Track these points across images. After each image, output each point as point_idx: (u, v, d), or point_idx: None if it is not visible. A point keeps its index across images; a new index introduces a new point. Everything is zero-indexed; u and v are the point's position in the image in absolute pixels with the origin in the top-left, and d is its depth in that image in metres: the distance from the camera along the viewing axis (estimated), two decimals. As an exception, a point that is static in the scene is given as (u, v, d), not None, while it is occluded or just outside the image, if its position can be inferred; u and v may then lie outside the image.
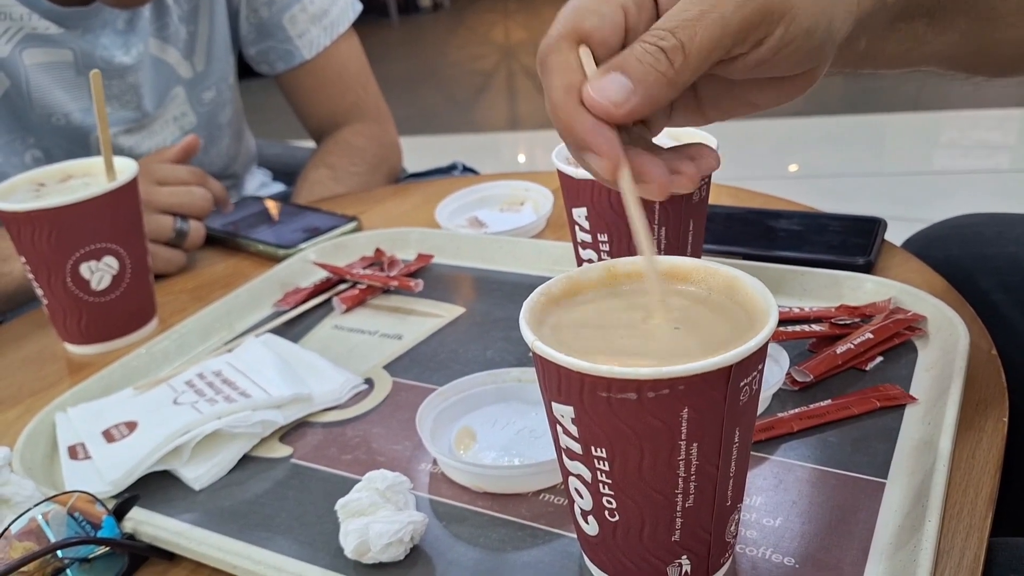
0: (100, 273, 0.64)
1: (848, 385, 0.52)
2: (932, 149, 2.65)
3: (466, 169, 1.04)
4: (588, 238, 0.56)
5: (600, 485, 0.37)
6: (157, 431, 0.51)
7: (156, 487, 0.50)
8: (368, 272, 0.71)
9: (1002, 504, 0.44)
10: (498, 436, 0.50)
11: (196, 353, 0.64)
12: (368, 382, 0.58)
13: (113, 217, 0.63)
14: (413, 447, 0.51)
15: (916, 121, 2.81)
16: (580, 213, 0.56)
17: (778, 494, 0.44)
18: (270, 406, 0.53)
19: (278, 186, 1.13)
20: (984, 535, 0.41)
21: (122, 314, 0.66)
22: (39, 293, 0.65)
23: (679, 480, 0.35)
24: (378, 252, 0.75)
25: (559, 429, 0.37)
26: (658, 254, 0.41)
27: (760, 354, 0.35)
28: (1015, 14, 0.43)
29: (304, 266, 0.74)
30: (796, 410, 0.50)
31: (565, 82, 0.35)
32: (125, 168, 0.65)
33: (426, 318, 0.66)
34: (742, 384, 0.34)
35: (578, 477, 0.37)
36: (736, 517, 0.39)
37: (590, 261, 0.57)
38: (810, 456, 0.47)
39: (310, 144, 1.10)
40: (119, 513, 0.45)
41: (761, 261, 0.64)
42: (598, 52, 0.36)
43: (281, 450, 0.52)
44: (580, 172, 0.54)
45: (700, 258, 0.56)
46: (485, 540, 0.44)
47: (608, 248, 0.56)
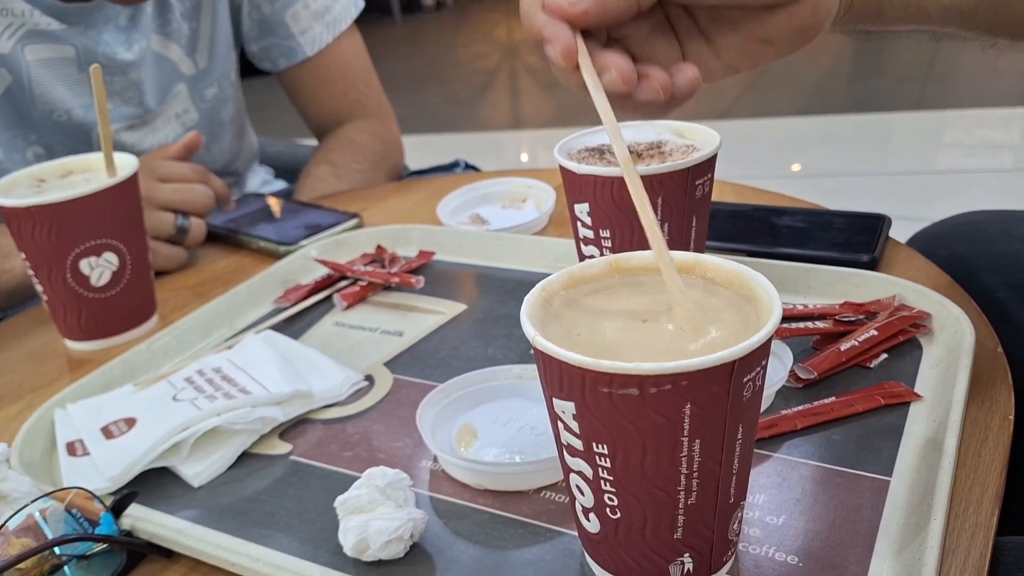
0: (100, 269, 0.64)
1: (852, 382, 0.52)
2: (936, 148, 2.64)
3: (468, 166, 1.04)
4: (590, 234, 0.56)
5: (602, 482, 0.36)
6: (156, 428, 0.51)
7: (155, 484, 0.49)
8: (369, 269, 0.70)
9: (1008, 503, 0.43)
10: (499, 433, 0.49)
11: (197, 350, 0.64)
12: (369, 379, 0.58)
13: (113, 213, 0.63)
14: (414, 444, 0.51)
15: (920, 120, 2.80)
16: (582, 209, 0.55)
17: (782, 492, 0.44)
18: (270, 403, 0.53)
19: (280, 183, 1.13)
20: (990, 534, 0.40)
21: (122, 310, 0.66)
22: (39, 289, 0.65)
23: (681, 477, 0.35)
24: (379, 249, 0.75)
25: (560, 425, 0.37)
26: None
27: (764, 350, 0.34)
28: None
29: (305, 263, 0.74)
30: (800, 407, 0.49)
31: None
32: (125, 164, 0.65)
33: (427, 315, 0.66)
34: (745, 380, 0.34)
35: (579, 474, 0.37)
36: (739, 515, 0.38)
37: (592, 257, 0.57)
38: (814, 454, 0.46)
39: (312, 142, 1.10)
40: (117, 510, 0.44)
41: (765, 258, 0.64)
42: None
43: (281, 447, 0.52)
44: (582, 167, 0.53)
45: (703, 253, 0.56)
46: (485, 538, 0.43)
47: (610, 244, 0.55)
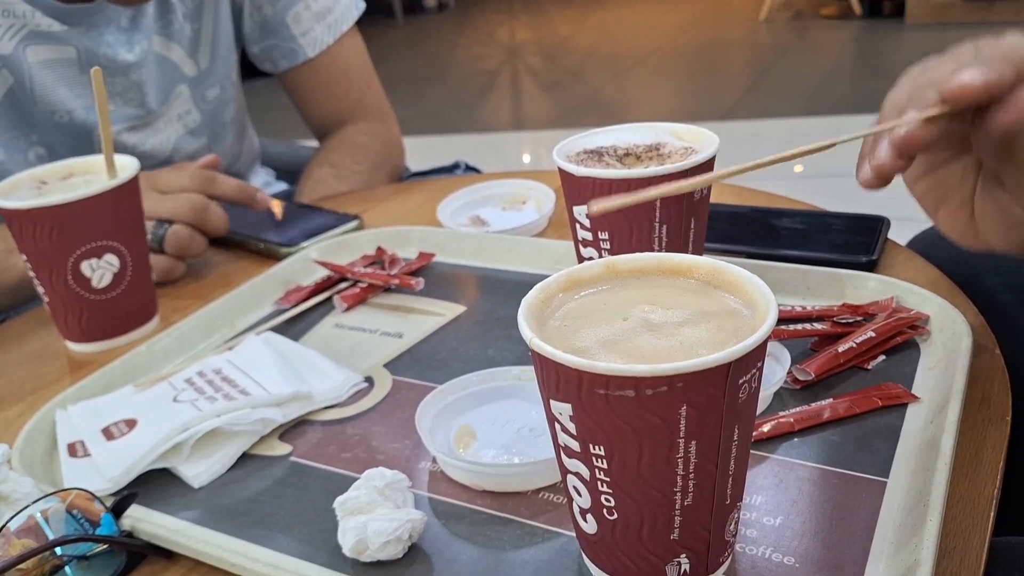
0: (101, 271, 0.64)
1: (850, 384, 0.52)
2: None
3: (469, 168, 1.04)
4: (589, 236, 0.56)
5: (598, 483, 0.36)
6: (157, 429, 0.51)
7: (155, 485, 0.49)
8: (369, 271, 0.71)
9: (1005, 504, 0.43)
10: (498, 434, 0.50)
11: (197, 351, 0.64)
12: (368, 380, 0.58)
13: (114, 215, 0.63)
14: (413, 445, 0.51)
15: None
16: (581, 211, 0.56)
17: (779, 493, 0.44)
18: (269, 404, 0.53)
19: (281, 185, 1.13)
20: (986, 535, 0.40)
21: (123, 312, 0.66)
22: (40, 291, 0.65)
23: (678, 478, 0.35)
24: (379, 251, 0.75)
25: (557, 427, 0.37)
26: (659, 252, 0.41)
27: (759, 352, 0.35)
28: None
29: (306, 264, 0.74)
30: (797, 409, 0.49)
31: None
32: (126, 166, 0.65)
33: (427, 316, 0.66)
34: (741, 382, 0.34)
35: (576, 475, 0.37)
36: (736, 516, 0.39)
37: (591, 259, 0.57)
38: (811, 455, 0.46)
39: (314, 143, 1.10)
40: (117, 510, 0.45)
41: (764, 260, 0.64)
42: None
43: (280, 448, 0.52)
44: (581, 170, 0.54)
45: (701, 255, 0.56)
46: (484, 539, 0.43)
47: (609, 246, 0.55)
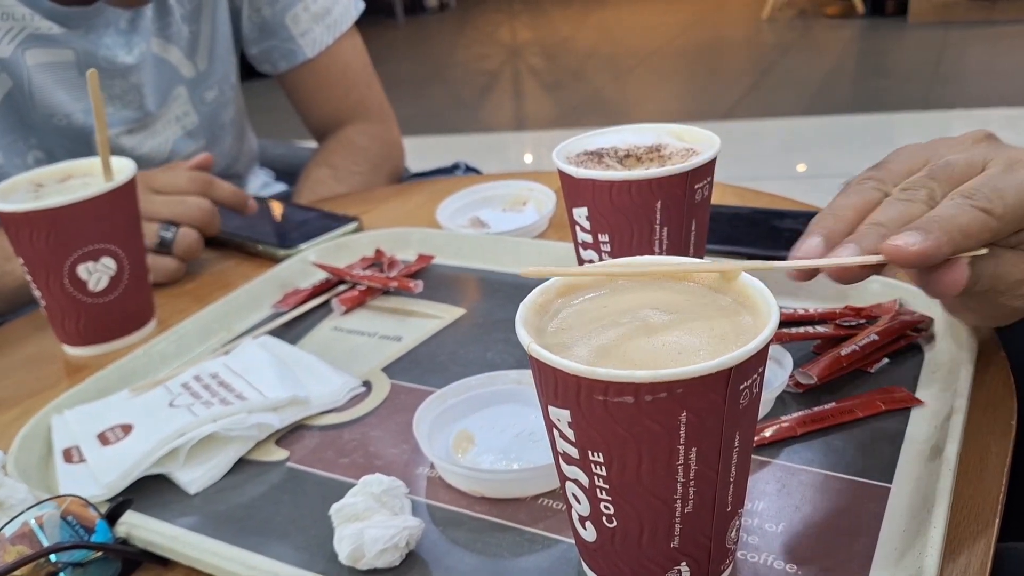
0: (98, 274, 0.64)
1: (853, 387, 0.51)
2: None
3: (469, 169, 1.03)
4: (589, 238, 0.56)
5: (597, 490, 0.36)
6: (152, 434, 0.51)
7: (151, 491, 0.49)
8: (368, 273, 0.70)
9: (1010, 509, 0.43)
10: (497, 439, 0.49)
11: (194, 355, 0.64)
12: (366, 384, 0.58)
13: (111, 218, 0.63)
14: (411, 451, 0.50)
15: (925, 120, 2.79)
16: (581, 213, 0.55)
17: (781, 499, 0.44)
18: (266, 409, 0.53)
19: (280, 186, 1.13)
20: (991, 541, 0.40)
21: (120, 315, 0.66)
22: (37, 295, 0.65)
23: (678, 485, 0.35)
24: (378, 253, 0.75)
25: (556, 433, 0.36)
26: (659, 255, 0.41)
27: (761, 356, 0.34)
28: None
29: (304, 267, 0.73)
30: (800, 413, 0.49)
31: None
32: (123, 168, 0.65)
33: (426, 319, 0.65)
34: (742, 387, 0.34)
35: (575, 482, 0.37)
36: (737, 523, 0.38)
37: (591, 262, 0.56)
38: (814, 460, 0.46)
39: (313, 144, 1.10)
40: (112, 517, 0.44)
41: (765, 261, 0.63)
42: None
43: (277, 453, 0.52)
44: (581, 171, 0.53)
45: (703, 258, 0.56)
46: (482, 546, 0.43)
47: (609, 248, 0.55)
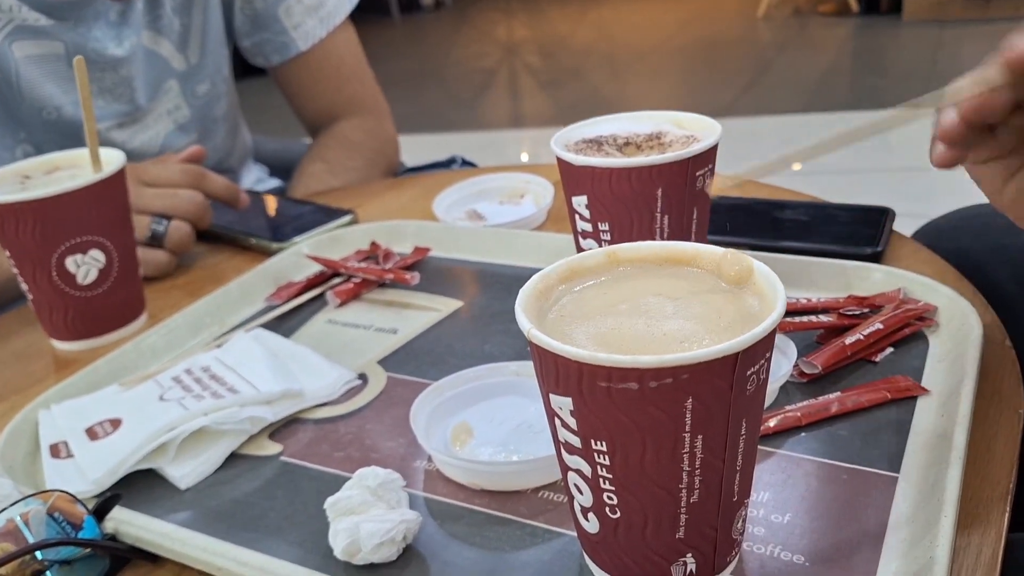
0: (86, 267, 0.62)
1: (857, 377, 0.50)
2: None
3: (465, 163, 1.02)
4: (588, 227, 0.54)
5: (600, 480, 0.35)
6: (142, 428, 0.49)
7: (140, 486, 0.48)
8: (363, 265, 0.69)
9: (1020, 499, 0.42)
10: (496, 432, 0.48)
11: (186, 348, 0.62)
12: (362, 377, 0.56)
13: (99, 209, 0.62)
14: (408, 444, 0.49)
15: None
16: (580, 201, 0.54)
17: (786, 489, 0.43)
18: (259, 402, 0.52)
19: (274, 182, 1.11)
20: (1002, 531, 0.39)
21: (109, 309, 0.65)
22: (24, 288, 0.63)
23: (683, 474, 0.34)
24: (373, 245, 0.74)
25: (557, 422, 0.35)
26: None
27: (768, 341, 0.33)
28: None
29: (298, 260, 0.72)
30: (804, 403, 0.48)
31: None
32: (112, 160, 0.63)
33: (422, 312, 0.64)
34: (749, 373, 0.33)
35: (577, 472, 0.36)
36: (743, 513, 0.37)
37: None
38: (819, 450, 0.45)
39: (307, 141, 1.09)
40: (100, 513, 0.43)
41: (768, 251, 0.62)
42: None
43: (270, 447, 0.51)
44: (580, 159, 0.52)
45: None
46: (482, 539, 0.42)
47: (609, 237, 0.54)
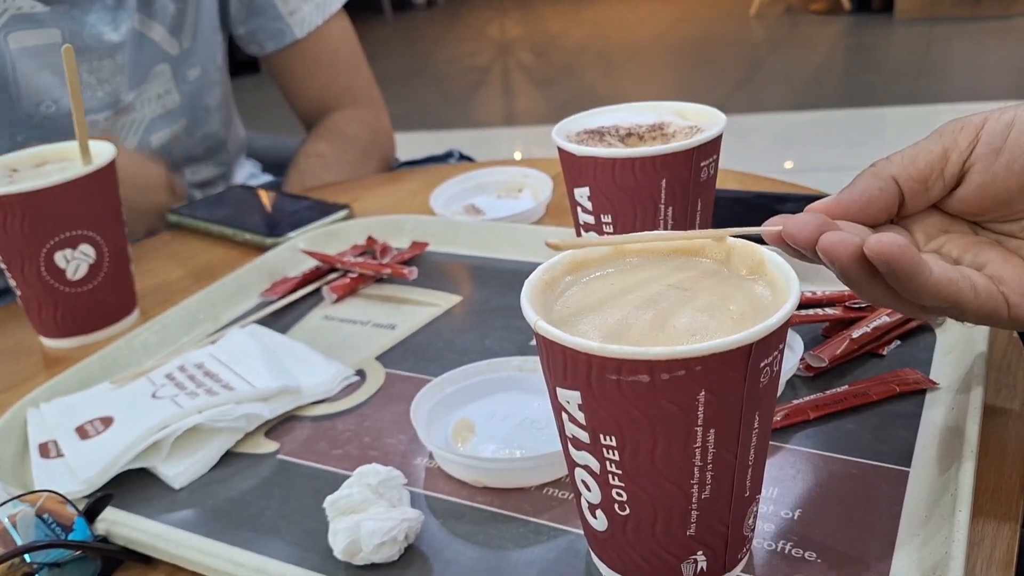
0: (76, 262, 0.61)
1: (865, 370, 0.49)
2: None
3: (463, 157, 1.01)
4: (591, 219, 0.53)
5: (609, 476, 0.34)
6: (134, 427, 0.48)
7: (132, 486, 0.47)
8: (360, 260, 0.68)
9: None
10: (498, 428, 0.47)
11: (179, 345, 0.61)
12: (360, 374, 0.55)
13: (89, 203, 0.60)
14: (408, 441, 0.48)
15: (913, 115, 2.79)
16: (582, 193, 0.53)
17: (796, 485, 0.42)
18: (255, 399, 0.51)
19: (267, 177, 1.10)
20: (1017, 524, 0.38)
21: (100, 305, 0.63)
22: (12, 284, 0.62)
23: (695, 469, 0.33)
24: (370, 240, 0.72)
25: (565, 416, 0.34)
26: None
27: (782, 332, 0.32)
28: None
29: (293, 255, 0.71)
30: (812, 397, 0.47)
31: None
32: (102, 152, 0.62)
33: (421, 307, 0.63)
34: (763, 365, 0.32)
35: (585, 468, 0.35)
36: (755, 509, 0.36)
37: (592, 244, 0.54)
38: (828, 444, 0.44)
39: (302, 137, 1.07)
40: (91, 514, 0.42)
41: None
42: None
43: (267, 445, 0.49)
44: (583, 149, 0.51)
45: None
46: (485, 537, 0.41)
47: (612, 229, 0.53)
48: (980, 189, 0.39)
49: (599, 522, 0.36)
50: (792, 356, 0.49)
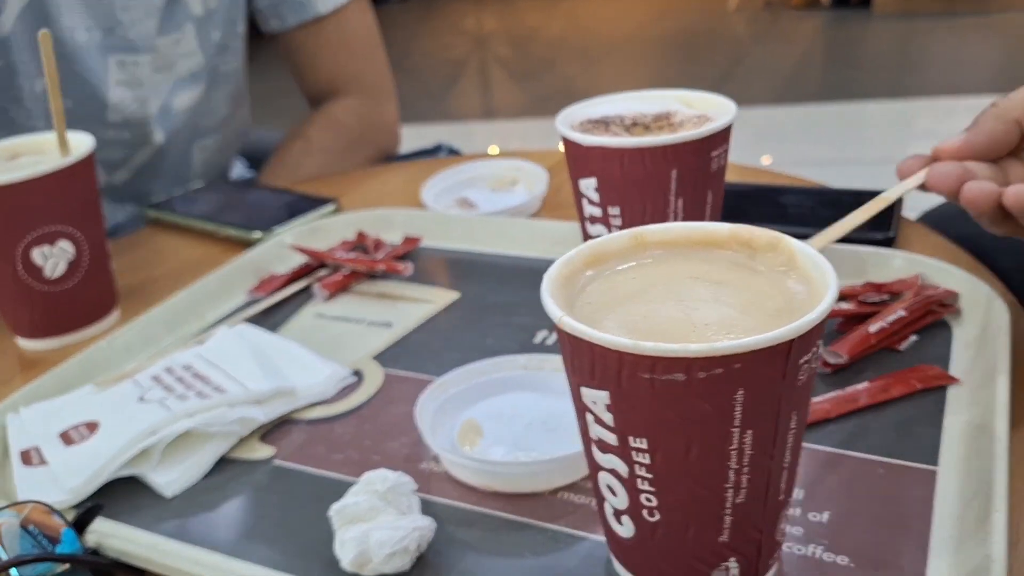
0: (55, 259, 0.58)
1: (882, 366, 0.48)
2: (909, 137, 2.64)
3: (452, 152, 0.99)
4: (597, 212, 0.52)
5: (638, 481, 0.32)
6: (121, 432, 0.46)
7: (121, 495, 0.44)
8: (352, 256, 0.65)
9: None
10: (507, 430, 0.45)
11: (163, 346, 0.58)
12: (357, 374, 0.53)
13: (67, 197, 0.57)
14: (411, 444, 0.46)
15: (892, 109, 2.80)
16: (588, 184, 0.51)
17: (821, 486, 0.40)
18: (248, 402, 0.48)
19: (252, 174, 1.07)
20: (1051, 525, 0.37)
21: (79, 305, 0.60)
22: (-13, 282, 0.59)
23: (730, 473, 0.31)
24: (360, 236, 0.70)
25: (590, 418, 0.32)
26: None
27: (821, 328, 0.30)
28: None
29: (280, 251, 0.68)
30: (831, 394, 0.45)
31: None
32: (80, 144, 0.59)
33: (417, 304, 0.61)
34: (802, 362, 0.30)
35: (612, 472, 0.33)
36: (787, 513, 0.34)
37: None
38: (850, 443, 0.43)
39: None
40: (80, 525, 0.39)
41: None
42: None
43: (262, 451, 0.47)
44: (590, 139, 0.49)
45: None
46: (499, 546, 0.39)
47: (620, 223, 0.51)
48: None
49: (625, 529, 0.34)
50: (808, 351, 0.48)
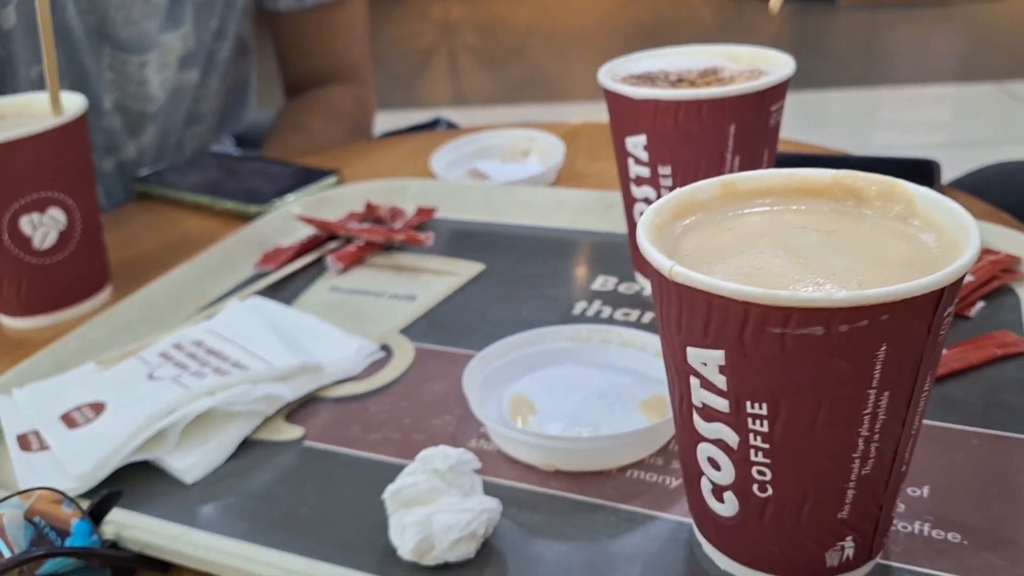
0: (45, 228, 0.52)
1: (954, 334, 0.45)
2: (873, 126, 2.66)
3: (450, 125, 0.94)
4: (645, 172, 0.48)
5: (752, 451, 0.28)
6: (132, 413, 0.41)
7: (135, 482, 0.39)
8: (366, 227, 0.61)
9: None
10: (561, 404, 0.41)
11: (167, 323, 0.53)
12: (384, 349, 0.49)
13: (59, 161, 0.52)
14: (455, 421, 0.42)
15: (857, 97, 2.82)
16: (637, 142, 0.47)
17: (916, 459, 0.37)
18: (273, 378, 0.44)
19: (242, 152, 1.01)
20: None
21: (71, 279, 0.55)
22: (-32, 254, 0.53)
23: (860, 441, 0.28)
24: (369, 207, 0.66)
25: (695, 382, 0.29)
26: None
27: (963, 278, 0.27)
28: None
29: (284, 223, 0.64)
30: (907, 362, 0.42)
31: None
32: (72, 104, 0.54)
33: (440, 276, 0.57)
34: (946, 314, 0.27)
35: (717, 443, 0.29)
36: (903, 486, 0.31)
37: (646, 201, 0.49)
38: (937, 414, 0.40)
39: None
40: (96, 515, 0.34)
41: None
42: None
43: (290, 431, 0.43)
44: (641, 91, 0.46)
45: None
46: (570, 529, 0.35)
47: (671, 184, 0.47)
48: None
49: (727, 507, 0.30)
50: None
